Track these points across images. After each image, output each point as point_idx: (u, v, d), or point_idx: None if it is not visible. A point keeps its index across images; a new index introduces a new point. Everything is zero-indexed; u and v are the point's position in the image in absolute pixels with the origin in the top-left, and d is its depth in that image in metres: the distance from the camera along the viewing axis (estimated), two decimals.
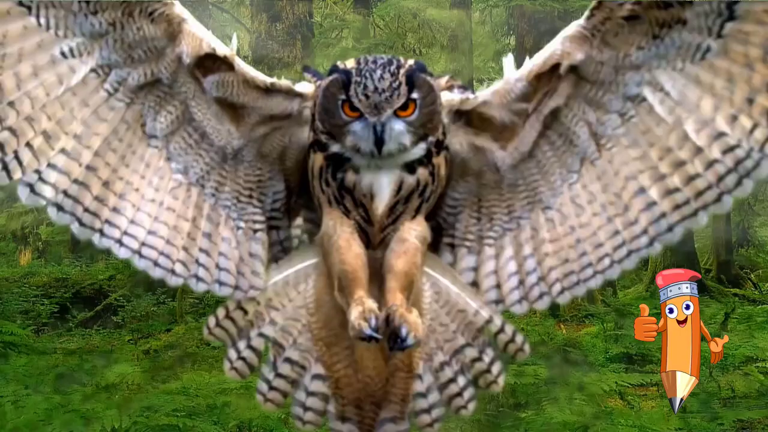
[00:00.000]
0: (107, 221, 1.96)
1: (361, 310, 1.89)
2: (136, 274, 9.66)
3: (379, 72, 1.88)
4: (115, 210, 1.96)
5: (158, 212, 2.01)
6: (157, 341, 7.85)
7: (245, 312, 2.10)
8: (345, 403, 2.12)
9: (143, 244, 1.99)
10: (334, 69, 1.95)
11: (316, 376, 2.12)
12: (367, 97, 1.87)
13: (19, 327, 7.76)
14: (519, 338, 2.13)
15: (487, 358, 2.12)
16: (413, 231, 2.03)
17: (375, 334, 1.86)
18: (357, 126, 1.91)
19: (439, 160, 2.01)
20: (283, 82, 2.04)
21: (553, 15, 10.52)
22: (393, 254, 2.00)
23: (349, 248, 1.99)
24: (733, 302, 11.24)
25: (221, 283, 2.07)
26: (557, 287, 2.07)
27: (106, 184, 1.95)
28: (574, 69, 1.95)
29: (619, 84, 1.94)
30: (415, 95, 1.90)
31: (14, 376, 6.12)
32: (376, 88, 1.87)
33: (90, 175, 1.93)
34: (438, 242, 2.14)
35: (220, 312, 2.10)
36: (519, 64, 2.01)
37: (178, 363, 6.89)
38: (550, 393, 5.99)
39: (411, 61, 1.94)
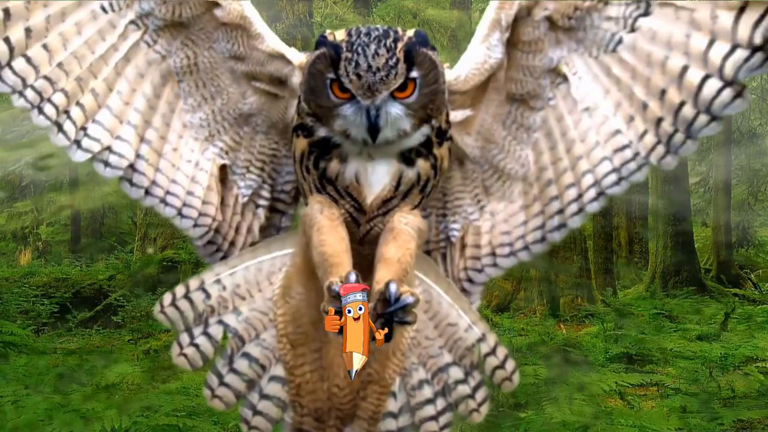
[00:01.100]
0: (139, 171, 1.86)
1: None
2: (136, 274, 9.68)
3: (373, 47, 1.64)
4: (157, 170, 1.88)
5: (189, 171, 1.91)
6: (157, 341, 7.84)
7: (207, 295, 1.88)
8: (304, 413, 1.88)
9: (168, 192, 1.90)
10: (322, 41, 1.70)
11: (274, 378, 1.89)
12: (359, 76, 1.64)
13: (19, 327, 7.76)
14: (509, 365, 1.91)
15: (472, 382, 1.90)
16: (404, 219, 1.80)
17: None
18: (348, 109, 1.69)
19: (443, 152, 1.79)
20: (279, 46, 1.88)
21: None
22: (382, 242, 1.78)
23: (333, 230, 1.76)
24: (733, 302, 11.26)
25: (211, 242, 1.95)
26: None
27: (145, 140, 1.86)
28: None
29: (543, 59, 1.83)
30: (414, 73, 1.68)
31: (14, 376, 6.13)
32: (369, 67, 1.63)
33: (131, 131, 1.84)
34: None
35: (179, 290, 1.89)
36: None
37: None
38: (550, 393, 5.99)
39: (410, 33, 1.70)
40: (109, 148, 1.82)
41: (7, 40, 1.69)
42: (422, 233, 1.84)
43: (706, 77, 1.70)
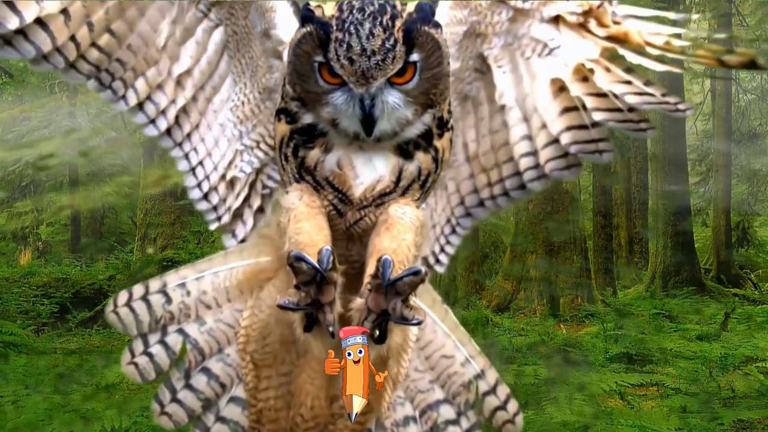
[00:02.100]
0: (189, 138, 1.78)
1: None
2: (136, 274, 9.68)
3: (367, 26, 1.43)
4: (197, 130, 1.78)
5: (217, 135, 1.80)
6: None
7: (168, 299, 1.69)
8: None
9: (194, 149, 1.79)
10: (308, 17, 1.48)
11: (235, 400, 1.68)
12: (351, 61, 1.43)
13: (19, 327, 7.76)
14: (512, 406, 1.72)
15: (465, 424, 1.71)
16: (400, 209, 1.58)
17: (314, 264, 1.39)
18: (338, 97, 1.50)
19: (443, 143, 1.60)
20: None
21: None
22: (374, 234, 1.57)
23: (312, 217, 1.55)
24: (733, 302, 11.26)
25: (207, 200, 1.82)
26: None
27: (190, 109, 1.77)
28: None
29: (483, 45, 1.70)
30: (415, 56, 1.47)
31: (14, 376, 6.12)
32: (363, 50, 1.42)
33: (187, 98, 1.76)
34: None
35: (137, 289, 1.70)
36: None
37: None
38: (550, 393, 5.98)
39: (410, 6, 1.49)
40: (163, 112, 1.74)
41: (72, 38, 1.60)
42: (422, 227, 1.62)
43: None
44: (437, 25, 1.51)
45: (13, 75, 11.51)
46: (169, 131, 1.77)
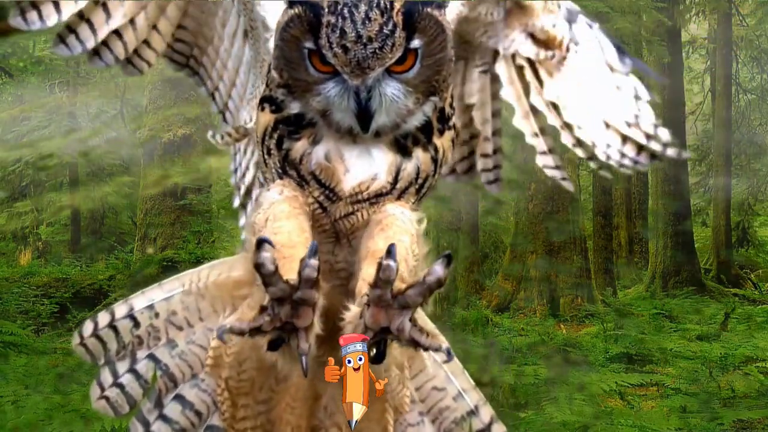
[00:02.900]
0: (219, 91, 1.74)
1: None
2: (136, 274, 9.68)
3: (363, 8, 1.28)
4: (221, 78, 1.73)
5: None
6: None
7: (136, 323, 1.55)
8: None
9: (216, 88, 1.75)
10: None
11: (212, 429, 1.53)
12: (345, 49, 1.29)
13: (19, 327, 7.76)
14: None
15: None
16: (398, 208, 1.42)
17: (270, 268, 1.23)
18: (331, 89, 1.35)
19: (444, 142, 1.45)
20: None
21: None
22: (367, 236, 1.41)
23: (293, 217, 1.39)
24: (733, 302, 11.26)
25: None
26: None
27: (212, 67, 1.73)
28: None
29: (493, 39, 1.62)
30: (416, 42, 1.33)
31: (14, 376, 6.12)
32: (359, 36, 1.28)
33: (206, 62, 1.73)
34: None
35: (102, 317, 1.57)
36: None
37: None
38: (550, 393, 5.98)
39: None
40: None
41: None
42: (419, 226, 1.44)
43: None
44: (440, 6, 1.36)
45: (13, 75, 11.51)
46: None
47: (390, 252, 1.21)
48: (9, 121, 13.06)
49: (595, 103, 1.60)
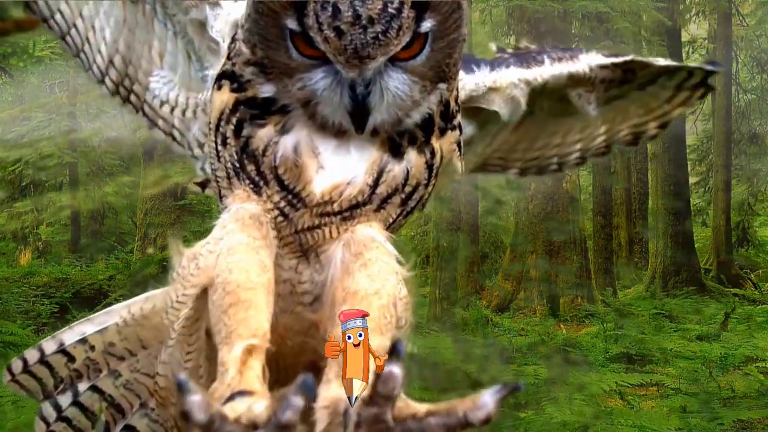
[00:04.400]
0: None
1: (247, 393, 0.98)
2: (136, 274, 9.68)
3: None
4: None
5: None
6: None
7: (71, 359, 1.42)
8: None
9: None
10: None
11: None
12: (339, 33, 1.03)
13: (19, 327, 7.75)
14: None
15: None
16: (378, 234, 1.18)
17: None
18: (319, 79, 1.10)
19: (445, 145, 1.22)
20: None
21: (552, 15, 10.51)
22: (342, 271, 1.16)
23: (253, 251, 1.13)
24: (733, 302, 11.25)
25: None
26: None
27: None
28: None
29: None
30: (428, 24, 1.08)
31: None
32: (357, 17, 1.02)
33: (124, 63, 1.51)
34: None
35: (31, 355, 1.44)
36: None
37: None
38: (550, 393, 5.98)
39: None
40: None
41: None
42: (402, 277, 1.18)
43: None
44: None
45: (13, 75, 11.52)
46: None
47: (395, 350, 0.91)
48: (9, 121, 13.06)
49: None
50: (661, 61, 1.58)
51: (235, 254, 1.12)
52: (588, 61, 1.47)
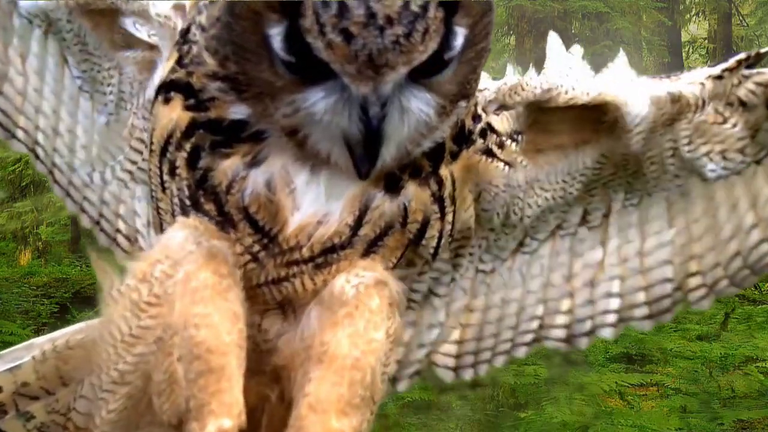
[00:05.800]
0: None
1: None
2: None
3: None
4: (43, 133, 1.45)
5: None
6: None
7: None
8: None
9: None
10: None
11: None
12: (348, 36, 0.80)
13: (19, 327, 7.77)
14: None
15: None
16: (360, 279, 0.95)
17: None
18: (318, 100, 0.86)
19: (456, 171, 0.99)
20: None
21: (552, 15, 10.52)
22: (317, 323, 0.95)
23: (218, 297, 0.91)
24: (733, 302, 11.24)
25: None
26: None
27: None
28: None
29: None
30: (461, 30, 0.86)
31: None
32: (371, 15, 0.79)
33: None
34: None
35: None
36: (518, 63, 1.49)
37: None
38: (550, 393, 5.98)
39: None
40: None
41: None
42: (397, 304, 0.99)
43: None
44: None
45: None
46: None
47: None
48: None
49: None
50: None
51: (200, 303, 0.91)
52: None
